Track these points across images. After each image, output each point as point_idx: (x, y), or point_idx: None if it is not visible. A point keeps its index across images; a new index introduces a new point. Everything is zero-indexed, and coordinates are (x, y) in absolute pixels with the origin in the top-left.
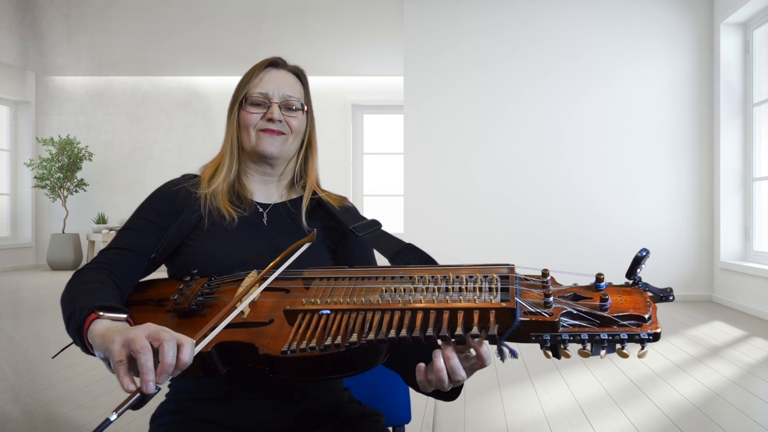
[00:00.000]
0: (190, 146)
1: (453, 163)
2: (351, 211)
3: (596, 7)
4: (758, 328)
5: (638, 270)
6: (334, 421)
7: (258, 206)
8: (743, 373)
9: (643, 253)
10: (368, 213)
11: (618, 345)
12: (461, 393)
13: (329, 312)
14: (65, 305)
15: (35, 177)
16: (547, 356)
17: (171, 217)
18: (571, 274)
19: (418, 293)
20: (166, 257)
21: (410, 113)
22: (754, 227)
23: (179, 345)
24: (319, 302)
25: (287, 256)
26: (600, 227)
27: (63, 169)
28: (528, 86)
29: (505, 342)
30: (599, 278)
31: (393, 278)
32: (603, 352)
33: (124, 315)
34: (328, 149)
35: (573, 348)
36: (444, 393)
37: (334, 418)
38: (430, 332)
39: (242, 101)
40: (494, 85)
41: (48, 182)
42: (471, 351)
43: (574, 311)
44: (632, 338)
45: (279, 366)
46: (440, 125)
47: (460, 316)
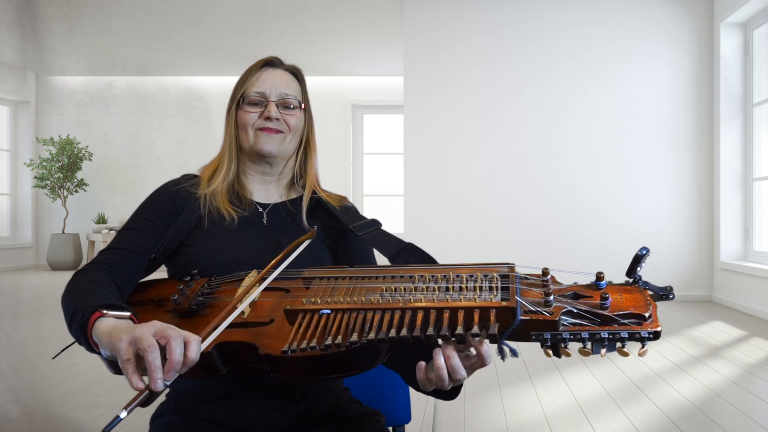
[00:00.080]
0: (190, 146)
1: (453, 163)
2: (351, 211)
3: (596, 7)
4: (758, 328)
5: (638, 268)
6: (334, 421)
7: (258, 206)
8: (743, 373)
9: (644, 252)
10: (368, 213)
11: (618, 343)
12: (461, 392)
13: (329, 311)
14: (66, 305)
15: (35, 177)
16: (548, 355)
17: (171, 218)
18: (571, 273)
19: (419, 292)
20: (166, 257)
21: (410, 113)
22: (754, 227)
23: (186, 342)
24: (320, 302)
25: (289, 253)
26: (600, 227)
27: (63, 169)
28: (528, 86)
29: (506, 341)
30: (599, 277)
31: (393, 278)
32: (603, 351)
33: (128, 313)
34: (328, 149)
35: (573, 347)
36: (444, 392)
37: (334, 418)
38: (431, 331)
39: (239, 101)
40: (494, 85)
41: (48, 182)
42: (471, 350)
43: (575, 310)
44: (633, 337)
45: (279, 366)
46: (440, 125)
47: (461, 316)
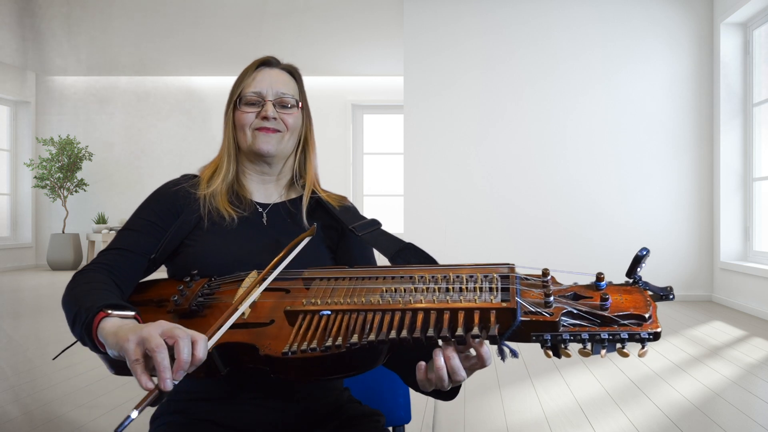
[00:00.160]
0: (190, 146)
1: (453, 163)
2: (351, 211)
3: (596, 7)
4: (758, 328)
5: (638, 269)
6: (334, 421)
7: (257, 206)
8: (743, 373)
9: (644, 252)
10: (368, 213)
11: (618, 344)
12: (459, 392)
13: (330, 313)
14: (68, 306)
15: (35, 177)
16: (548, 356)
17: (171, 218)
18: (571, 274)
19: (419, 293)
20: (166, 257)
21: (410, 113)
22: (754, 227)
23: (194, 342)
24: (320, 303)
25: (289, 251)
26: (600, 227)
27: (63, 169)
28: (528, 86)
29: (506, 341)
30: (599, 277)
31: (393, 278)
32: (603, 352)
33: (132, 312)
34: (328, 149)
35: (573, 347)
36: (443, 392)
37: (334, 418)
38: (431, 333)
39: (236, 101)
40: (494, 85)
41: (48, 182)
42: (471, 351)
43: (575, 311)
44: (633, 338)
45: (279, 367)
46: (440, 125)
47: (461, 317)
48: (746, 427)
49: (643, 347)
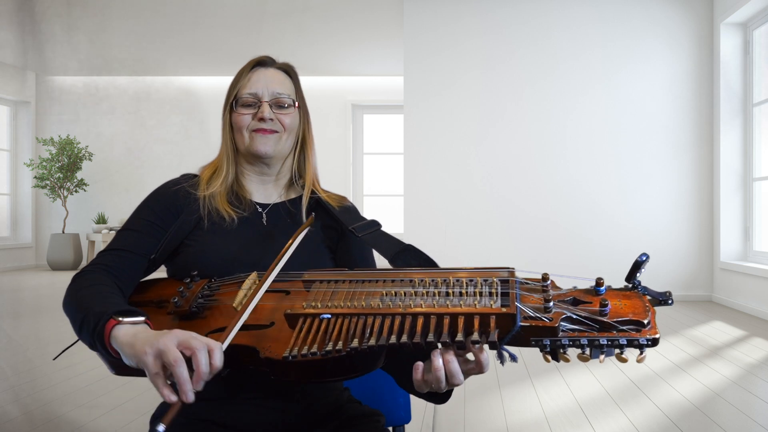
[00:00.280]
0: (190, 146)
1: (453, 163)
2: (351, 211)
3: (596, 7)
4: (758, 328)
5: (638, 274)
6: (334, 421)
7: (257, 206)
8: (743, 373)
9: (644, 258)
10: (368, 213)
11: (617, 350)
12: (460, 393)
13: (330, 316)
14: (73, 309)
15: (35, 177)
16: (547, 360)
17: (170, 218)
18: (571, 278)
19: (419, 297)
20: (166, 257)
21: (410, 113)
22: (754, 227)
23: (210, 351)
24: (320, 306)
25: (290, 248)
26: (600, 227)
27: (63, 169)
28: (528, 86)
29: (505, 346)
30: (599, 282)
31: (393, 281)
32: (602, 357)
33: (143, 318)
34: (328, 149)
35: (572, 352)
36: (438, 395)
37: (334, 418)
38: (431, 338)
39: (233, 103)
40: (494, 85)
41: (48, 182)
42: (470, 355)
43: (574, 316)
44: (631, 343)
45: (280, 369)
46: (440, 125)
47: (461, 322)
48: (746, 427)
49: (642, 353)
